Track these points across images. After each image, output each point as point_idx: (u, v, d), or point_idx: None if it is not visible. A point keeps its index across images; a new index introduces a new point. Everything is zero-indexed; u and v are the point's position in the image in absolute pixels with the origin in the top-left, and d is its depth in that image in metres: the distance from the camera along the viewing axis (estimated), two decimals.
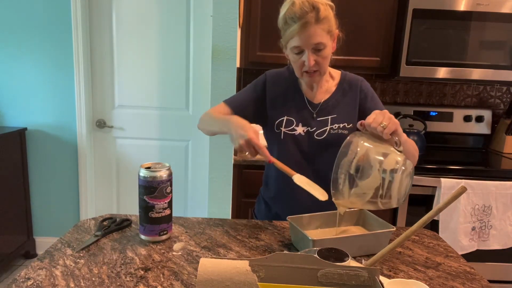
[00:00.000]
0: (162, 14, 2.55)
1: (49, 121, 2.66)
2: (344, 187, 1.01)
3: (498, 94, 2.69)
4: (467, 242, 2.10)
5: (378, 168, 0.98)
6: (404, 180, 0.97)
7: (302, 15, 1.14)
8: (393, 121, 1.02)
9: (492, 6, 2.16)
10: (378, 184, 0.97)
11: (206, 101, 2.60)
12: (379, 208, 1.02)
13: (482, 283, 0.92)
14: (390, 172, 0.96)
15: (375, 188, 0.97)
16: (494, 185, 2.06)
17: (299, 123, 1.30)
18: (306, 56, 1.18)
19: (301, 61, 1.20)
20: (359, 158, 0.99)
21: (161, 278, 0.89)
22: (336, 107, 1.30)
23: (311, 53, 1.18)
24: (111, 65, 2.63)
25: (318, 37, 1.16)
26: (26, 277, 0.88)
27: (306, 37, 1.16)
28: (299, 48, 1.18)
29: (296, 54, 1.20)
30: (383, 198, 0.98)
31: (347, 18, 2.23)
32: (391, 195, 0.97)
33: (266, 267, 0.70)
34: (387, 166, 0.97)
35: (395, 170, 0.96)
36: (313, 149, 1.29)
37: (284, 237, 1.14)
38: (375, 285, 0.66)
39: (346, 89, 1.32)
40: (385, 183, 0.97)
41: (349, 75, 1.35)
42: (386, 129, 0.99)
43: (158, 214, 1.06)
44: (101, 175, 2.78)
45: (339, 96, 1.32)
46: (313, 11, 1.14)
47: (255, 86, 1.36)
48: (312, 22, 1.14)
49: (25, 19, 2.53)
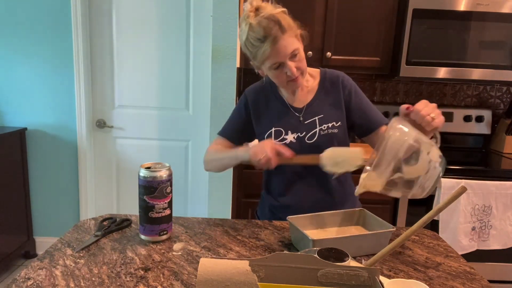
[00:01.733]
0: (162, 14, 2.55)
1: (49, 121, 2.66)
2: (388, 168, 0.95)
3: (498, 94, 2.69)
4: (467, 242, 2.10)
5: (425, 158, 0.93)
6: (440, 174, 0.95)
7: (267, 33, 1.13)
8: (441, 117, 0.99)
9: (492, 6, 2.16)
10: (423, 172, 0.93)
11: (206, 101, 2.60)
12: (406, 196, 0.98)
13: (482, 283, 0.92)
14: (434, 163, 0.93)
15: (417, 175, 0.94)
16: (494, 185, 2.06)
17: (288, 131, 1.29)
18: (287, 68, 1.18)
19: (283, 73, 1.20)
20: (410, 143, 0.94)
21: (161, 278, 0.89)
22: (322, 107, 1.29)
23: (291, 62, 1.17)
24: (111, 65, 2.63)
25: (291, 46, 1.16)
26: (26, 277, 0.88)
27: (280, 52, 1.15)
28: (278, 63, 1.18)
29: (275, 69, 1.20)
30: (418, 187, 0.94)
31: (347, 18, 2.25)
32: (425, 186, 0.94)
33: (266, 267, 0.70)
34: (433, 156, 0.94)
35: (438, 163, 0.94)
36: (306, 153, 1.27)
37: (284, 237, 1.14)
38: (375, 285, 0.66)
39: (328, 87, 1.31)
40: (428, 173, 0.93)
41: (329, 72, 1.34)
42: (434, 122, 0.97)
43: (158, 214, 1.06)
44: (101, 175, 2.78)
45: (323, 96, 1.30)
46: (275, 24, 1.14)
47: (238, 109, 1.38)
48: (279, 35, 1.14)
49: (25, 19, 2.53)
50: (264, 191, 1.44)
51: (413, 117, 0.99)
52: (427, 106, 0.99)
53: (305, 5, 2.23)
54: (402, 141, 0.95)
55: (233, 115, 1.40)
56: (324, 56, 2.27)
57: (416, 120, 0.99)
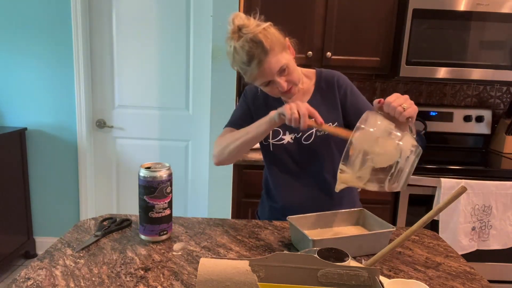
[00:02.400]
0: (162, 14, 2.55)
1: (49, 121, 2.66)
2: (357, 159, 0.97)
3: (498, 94, 2.69)
4: (467, 242, 2.10)
5: (395, 146, 0.94)
6: (414, 164, 0.95)
7: (251, 58, 1.13)
8: (413, 106, 1.00)
9: (492, 6, 2.16)
10: (393, 161, 0.94)
11: (206, 101, 2.60)
12: (383, 189, 0.98)
13: (482, 283, 0.92)
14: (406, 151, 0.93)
15: (388, 164, 0.94)
16: (494, 185, 2.06)
17: (285, 131, 1.29)
18: (277, 83, 1.17)
19: (275, 87, 1.19)
20: (380, 132, 0.96)
21: (161, 278, 0.89)
22: (318, 107, 1.27)
23: (279, 78, 1.17)
24: (111, 65, 2.63)
25: (277, 64, 1.15)
26: (26, 277, 0.88)
27: (266, 72, 1.15)
28: (266, 81, 1.18)
29: (266, 86, 1.20)
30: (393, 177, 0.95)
31: (347, 18, 2.25)
32: (401, 176, 0.94)
33: (266, 267, 0.70)
34: (405, 145, 0.94)
35: (411, 151, 0.94)
36: (303, 154, 1.28)
37: (284, 237, 1.14)
38: (375, 285, 0.66)
39: (324, 88, 1.30)
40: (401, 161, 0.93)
41: (325, 72, 1.33)
42: (406, 111, 0.98)
43: (158, 214, 1.06)
44: (101, 175, 2.78)
45: (319, 97, 1.30)
46: (257, 47, 1.12)
47: (243, 101, 1.37)
48: (262, 58, 1.13)
49: (25, 19, 2.53)
50: (264, 191, 1.44)
51: (386, 109, 1.01)
52: (398, 98, 1.01)
53: (305, 5, 2.23)
54: (367, 132, 0.97)
55: (239, 108, 1.38)
56: (324, 56, 2.27)
57: (389, 112, 1.00)
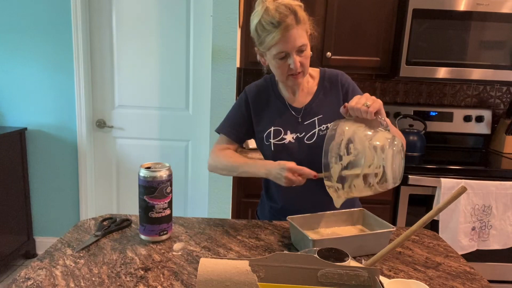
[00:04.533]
0: (162, 14, 2.55)
1: (49, 121, 2.66)
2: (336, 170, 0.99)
3: (498, 94, 2.69)
4: (467, 242, 2.10)
5: (368, 146, 0.96)
6: (396, 156, 0.96)
7: (281, 19, 1.12)
8: (377, 101, 1.02)
9: (492, 6, 2.16)
10: (371, 162, 0.95)
11: (206, 101, 2.60)
12: (377, 190, 0.99)
13: (482, 283, 0.92)
14: (381, 148, 0.95)
15: (367, 166, 0.96)
16: (494, 185, 2.06)
17: (287, 131, 1.28)
18: (291, 60, 1.17)
19: (286, 65, 1.18)
20: (348, 138, 0.98)
21: (161, 278, 0.89)
22: (321, 107, 1.29)
23: (296, 56, 1.17)
24: (111, 65, 2.63)
25: (301, 39, 1.15)
26: (26, 277, 0.88)
27: (290, 41, 1.14)
28: (284, 53, 1.17)
29: (280, 59, 1.18)
30: (377, 177, 0.96)
31: (347, 18, 2.25)
32: (386, 172, 0.95)
33: (266, 267, 0.70)
34: (377, 141, 0.96)
35: (385, 146, 0.95)
36: (305, 154, 1.27)
37: (284, 237, 1.14)
38: (375, 285, 0.66)
39: (328, 87, 1.31)
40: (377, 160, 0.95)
41: (328, 71, 1.33)
42: (371, 108, 1.00)
43: (158, 214, 1.06)
44: (101, 175, 2.78)
45: (322, 96, 1.30)
46: (291, 13, 1.13)
47: (239, 105, 1.36)
48: (293, 24, 1.13)
49: (25, 19, 2.53)
50: (263, 191, 1.44)
51: (352, 113, 1.04)
52: (359, 99, 1.03)
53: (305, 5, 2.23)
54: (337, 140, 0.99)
55: (233, 111, 1.38)
56: (324, 56, 2.27)
57: (357, 115, 1.03)
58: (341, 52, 2.29)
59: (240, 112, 1.35)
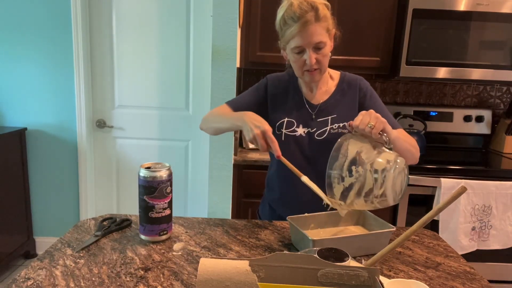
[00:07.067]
0: (162, 14, 2.55)
1: (49, 121, 2.66)
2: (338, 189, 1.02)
3: (498, 94, 2.69)
4: (467, 242, 2.10)
5: (369, 169, 0.98)
6: (397, 178, 0.97)
7: (301, 15, 1.16)
8: (380, 120, 1.03)
9: (492, 6, 2.16)
10: (371, 186, 0.98)
11: (206, 101, 2.60)
12: (377, 207, 1.02)
13: (482, 283, 0.92)
14: (382, 171, 0.97)
15: (368, 189, 0.98)
16: (494, 185, 2.06)
17: (299, 124, 1.30)
18: (307, 55, 1.19)
19: (302, 60, 1.21)
20: (350, 160, 1.00)
21: (161, 278, 0.89)
22: (336, 107, 1.31)
23: (312, 52, 1.19)
24: (111, 65, 2.63)
25: (318, 36, 1.17)
26: (26, 277, 0.88)
27: (307, 36, 1.17)
28: (300, 48, 1.19)
29: (297, 53, 1.21)
30: (378, 197, 0.98)
31: (347, 18, 2.25)
32: (386, 193, 0.98)
33: (266, 267, 0.70)
34: (378, 166, 0.98)
35: (386, 169, 0.97)
36: (314, 149, 1.29)
37: (284, 237, 1.14)
38: (375, 285, 0.66)
39: (345, 89, 1.33)
40: (377, 183, 0.97)
41: (348, 75, 1.36)
42: (374, 129, 1.01)
43: (158, 214, 1.06)
44: (101, 175, 2.78)
45: (339, 96, 1.32)
46: (312, 10, 1.16)
47: (257, 89, 1.38)
48: (312, 21, 1.16)
49: (25, 19, 2.53)
50: (265, 188, 1.45)
51: (357, 131, 1.05)
52: (363, 117, 1.04)
53: None
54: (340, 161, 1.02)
55: (249, 92, 1.39)
56: None
57: (361, 133, 1.04)
58: (341, 52, 2.29)
59: (257, 93, 1.37)
